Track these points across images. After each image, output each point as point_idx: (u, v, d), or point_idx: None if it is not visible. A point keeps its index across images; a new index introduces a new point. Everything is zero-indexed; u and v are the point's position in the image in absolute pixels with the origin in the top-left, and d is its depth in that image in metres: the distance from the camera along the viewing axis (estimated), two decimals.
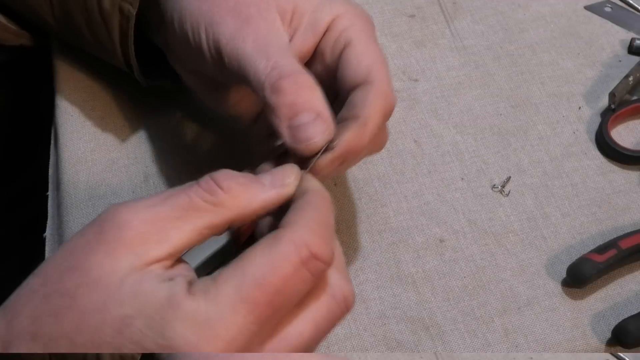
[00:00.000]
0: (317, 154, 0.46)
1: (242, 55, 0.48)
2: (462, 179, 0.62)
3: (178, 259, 0.40)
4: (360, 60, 0.49)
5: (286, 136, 0.46)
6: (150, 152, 0.62)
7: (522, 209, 0.60)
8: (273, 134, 0.49)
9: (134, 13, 0.54)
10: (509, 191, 0.61)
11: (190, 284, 0.38)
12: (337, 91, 0.50)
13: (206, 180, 0.40)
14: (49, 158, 0.63)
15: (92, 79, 0.65)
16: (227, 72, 0.49)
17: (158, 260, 0.39)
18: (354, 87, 0.49)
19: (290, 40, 0.50)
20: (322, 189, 0.44)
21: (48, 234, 0.60)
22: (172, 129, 0.63)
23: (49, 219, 0.61)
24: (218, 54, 0.49)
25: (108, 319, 0.37)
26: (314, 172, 0.46)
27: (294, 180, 0.43)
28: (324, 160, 0.46)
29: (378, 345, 0.54)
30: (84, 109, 0.63)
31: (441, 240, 0.59)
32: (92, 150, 0.61)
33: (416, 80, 0.67)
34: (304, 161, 0.46)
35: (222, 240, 0.55)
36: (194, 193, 0.40)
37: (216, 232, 0.41)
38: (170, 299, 0.37)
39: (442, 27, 0.70)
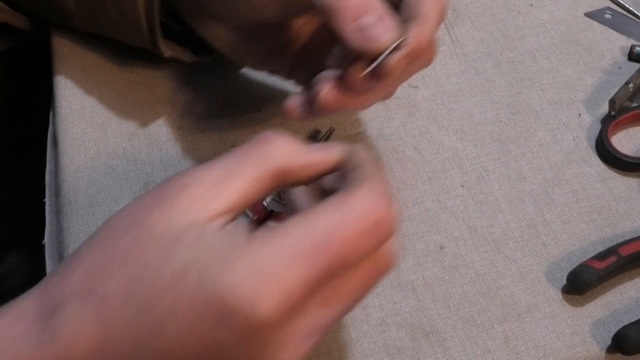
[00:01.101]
0: (383, 54, 0.46)
1: None
2: (462, 185, 0.62)
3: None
4: None
5: (353, 37, 0.46)
6: (150, 159, 0.62)
7: (522, 215, 0.60)
8: (314, 75, 0.51)
9: None
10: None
11: (251, 231, 0.37)
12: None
13: (257, 135, 0.41)
14: (44, 164, 0.63)
15: (92, 85, 0.65)
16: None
17: (219, 215, 0.38)
18: None
19: None
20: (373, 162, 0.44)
21: (47, 241, 0.60)
22: (172, 136, 0.63)
23: (47, 226, 0.61)
24: None
25: (164, 271, 0.37)
26: (384, 74, 0.47)
27: (340, 148, 0.43)
28: (395, 58, 0.47)
29: (378, 352, 0.54)
30: (84, 115, 0.64)
31: (441, 247, 0.59)
32: (92, 157, 0.62)
33: (416, 87, 0.67)
34: (370, 64, 0.47)
35: None
36: (244, 147, 0.40)
37: (267, 185, 0.40)
38: (230, 245, 0.36)
39: (442, 34, 0.70)
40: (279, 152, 0.40)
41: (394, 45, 0.46)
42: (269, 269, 0.36)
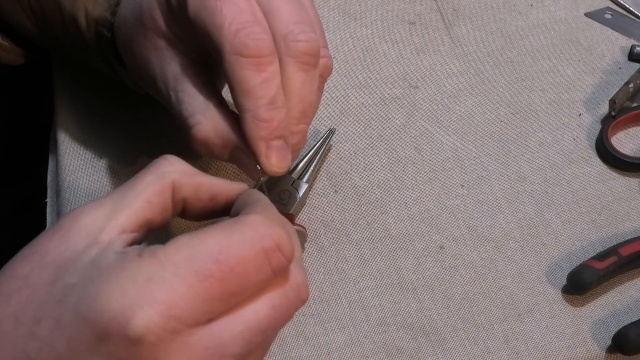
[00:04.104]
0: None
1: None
2: (463, 185, 0.62)
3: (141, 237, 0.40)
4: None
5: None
6: (150, 160, 0.61)
7: (522, 215, 0.60)
8: None
9: (109, 36, 0.54)
10: None
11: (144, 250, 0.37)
12: None
13: (155, 159, 0.43)
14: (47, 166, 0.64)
15: (92, 86, 0.65)
16: None
17: (117, 234, 0.38)
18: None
19: None
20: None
21: None
22: (172, 136, 0.63)
23: (47, 226, 0.61)
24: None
25: (54, 290, 0.36)
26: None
27: (239, 184, 0.45)
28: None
29: (378, 353, 0.54)
30: (84, 115, 0.64)
31: (441, 247, 0.59)
32: (92, 157, 0.62)
33: (416, 87, 0.67)
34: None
35: None
36: (141, 173, 0.42)
37: (163, 200, 0.41)
38: (117, 262, 0.36)
39: (442, 34, 0.70)
40: (172, 168, 0.42)
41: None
42: (148, 283, 0.35)
